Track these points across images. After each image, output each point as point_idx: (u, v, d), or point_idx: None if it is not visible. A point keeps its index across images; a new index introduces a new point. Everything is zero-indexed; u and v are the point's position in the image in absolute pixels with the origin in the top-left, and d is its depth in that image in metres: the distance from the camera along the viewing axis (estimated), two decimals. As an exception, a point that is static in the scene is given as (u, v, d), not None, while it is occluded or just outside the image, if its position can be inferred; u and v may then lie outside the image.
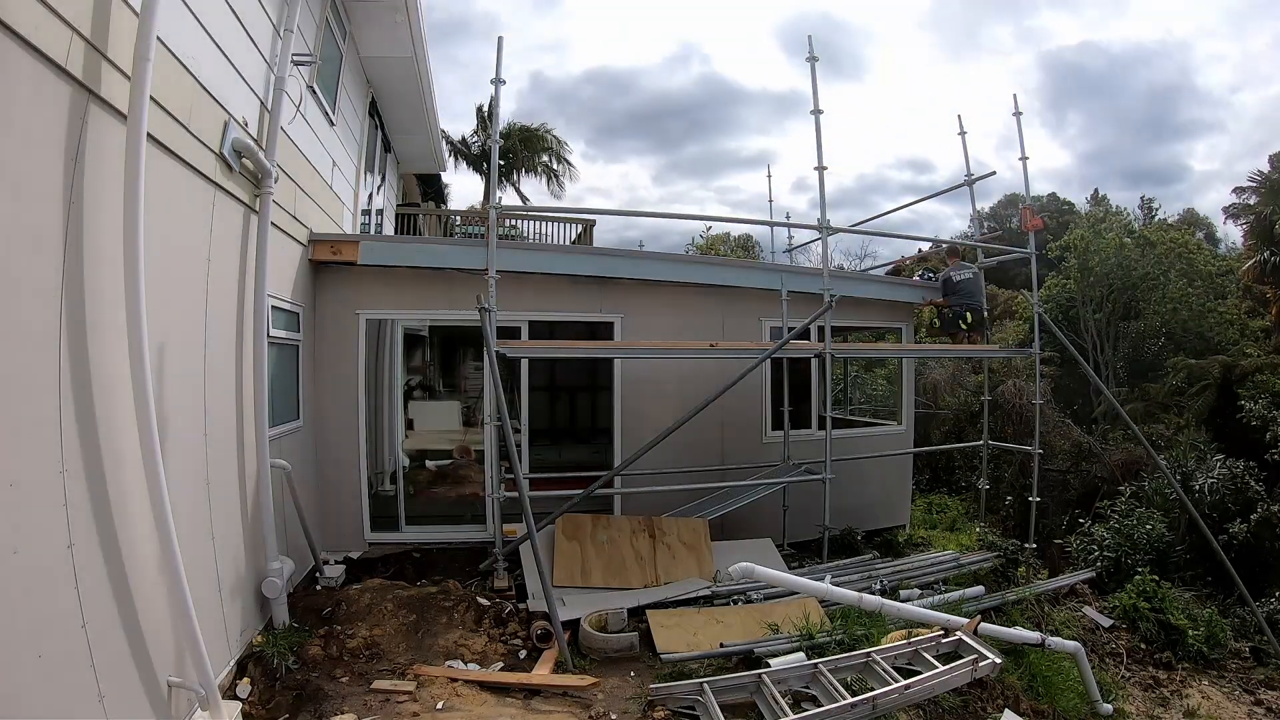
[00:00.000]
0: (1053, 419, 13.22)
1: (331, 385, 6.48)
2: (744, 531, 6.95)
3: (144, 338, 2.91)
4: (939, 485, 14.78)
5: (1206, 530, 7.57)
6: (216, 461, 4.10)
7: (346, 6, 7.25)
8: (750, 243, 31.71)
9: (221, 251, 4.23)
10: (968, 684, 4.17)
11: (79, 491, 2.70)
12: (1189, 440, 11.27)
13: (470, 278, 6.36)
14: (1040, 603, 6.38)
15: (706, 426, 7.06)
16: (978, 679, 4.17)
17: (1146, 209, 34.32)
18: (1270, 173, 20.51)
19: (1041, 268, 9.58)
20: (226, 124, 4.13)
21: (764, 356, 6.49)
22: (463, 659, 4.58)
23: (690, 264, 9.32)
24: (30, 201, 2.51)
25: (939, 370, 16.56)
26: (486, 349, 5.62)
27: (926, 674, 4.01)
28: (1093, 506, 10.77)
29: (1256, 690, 6.07)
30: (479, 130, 20.75)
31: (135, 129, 2.90)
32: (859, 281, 9.91)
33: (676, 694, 4.00)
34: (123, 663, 2.92)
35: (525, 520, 5.06)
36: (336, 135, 7.29)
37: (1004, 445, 9.51)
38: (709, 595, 5.52)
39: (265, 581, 4.61)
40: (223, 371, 4.28)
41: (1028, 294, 8.81)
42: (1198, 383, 15.25)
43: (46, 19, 2.48)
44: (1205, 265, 20.76)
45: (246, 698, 3.93)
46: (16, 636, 2.33)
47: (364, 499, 6.73)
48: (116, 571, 2.95)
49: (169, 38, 3.32)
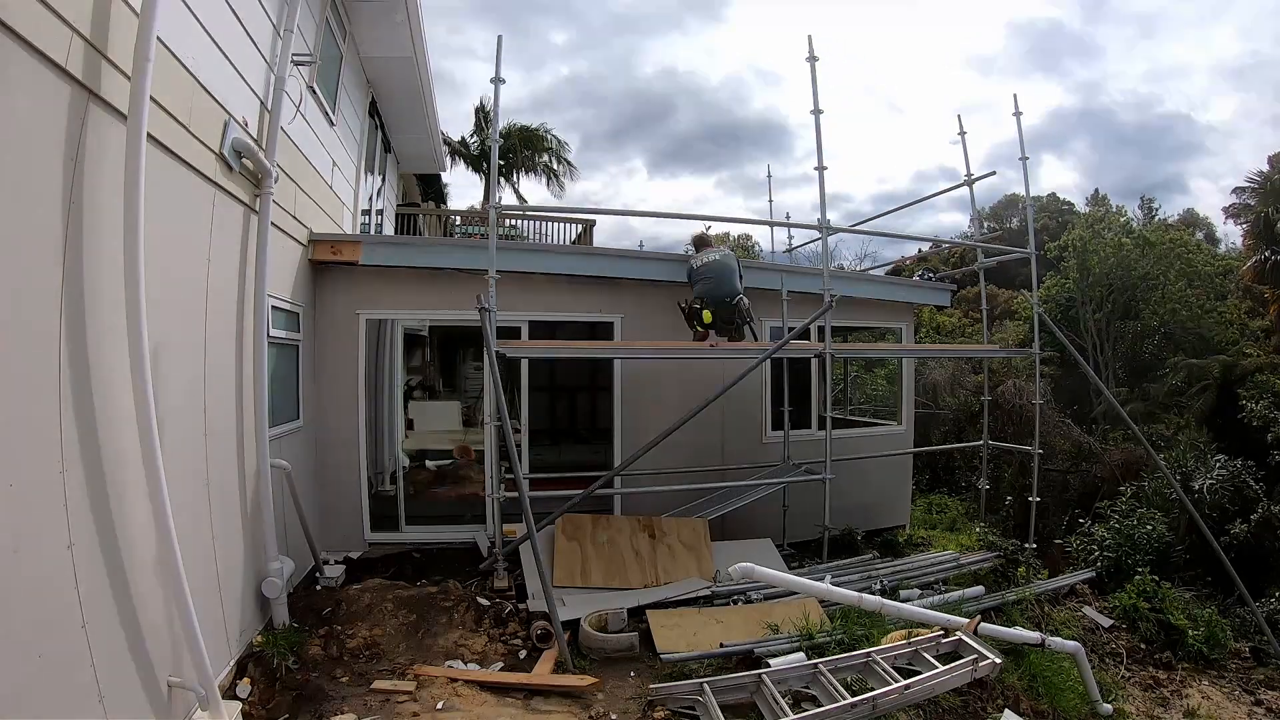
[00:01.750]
0: (1053, 419, 13.23)
1: (331, 385, 6.48)
2: (744, 532, 6.95)
3: (144, 338, 2.90)
4: (939, 485, 14.80)
5: (1206, 530, 7.57)
6: (216, 461, 4.10)
7: (346, 6, 7.25)
8: (750, 242, 31.74)
9: (221, 251, 4.23)
10: (968, 684, 4.17)
11: (79, 491, 2.70)
12: (1189, 440, 11.28)
13: (470, 278, 6.36)
14: (1040, 603, 6.38)
15: (706, 427, 7.06)
16: (978, 679, 4.18)
17: (1146, 209, 34.34)
18: (1270, 173, 20.54)
19: (1041, 268, 9.58)
20: (226, 124, 4.13)
21: (764, 356, 6.48)
22: (463, 659, 4.58)
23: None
24: (30, 201, 2.51)
25: (939, 370, 16.57)
26: (486, 349, 5.62)
27: (926, 674, 4.01)
28: (1093, 506, 10.78)
29: (1256, 690, 6.06)
30: (477, 130, 20.73)
31: (135, 129, 2.90)
32: (858, 281, 9.92)
33: (677, 694, 4.00)
34: (123, 663, 2.92)
35: (525, 520, 5.06)
36: (336, 135, 7.29)
37: (1004, 445, 9.51)
38: (709, 595, 5.52)
39: (265, 581, 4.61)
40: (223, 371, 4.28)
41: (1028, 294, 8.81)
42: (1198, 383, 15.27)
43: (46, 19, 2.48)
44: (1204, 265, 20.77)
45: (246, 698, 3.92)
46: (16, 636, 2.33)
47: (364, 499, 6.73)
48: (116, 571, 2.95)
49: (169, 38, 3.32)
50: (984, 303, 8.75)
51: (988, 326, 9.19)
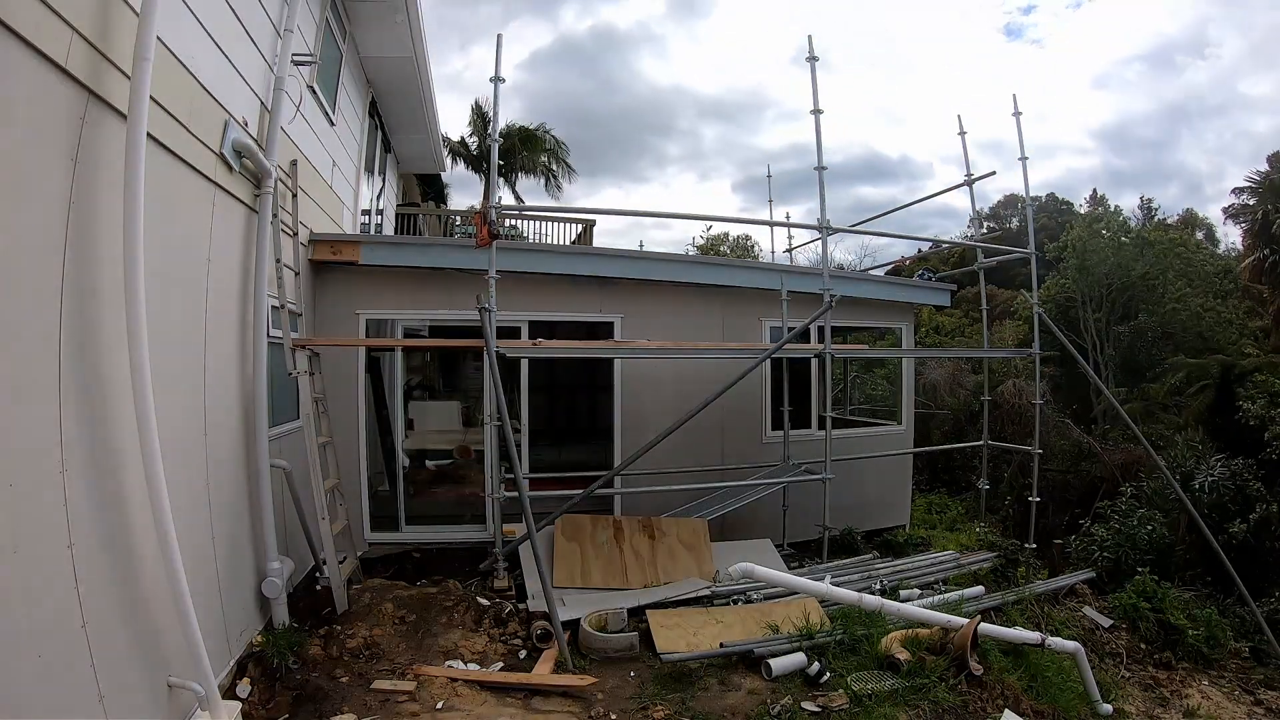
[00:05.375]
0: (1052, 419, 13.21)
1: (332, 386, 6.47)
2: (744, 532, 6.95)
3: (143, 337, 2.90)
4: (939, 485, 14.79)
5: (1206, 530, 7.56)
6: (216, 461, 4.10)
7: (346, 6, 7.25)
8: (750, 242, 31.74)
9: (221, 251, 4.23)
10: (968, 684, 4.17)
11: (79, 491, 2.70)
12: (1188, 440, 11.26)
13: (470, 278, 6.35)
14: (1040, 603, 6.37)
15: (706, 426, 7.06)
16: (977, 679, 4.18)
17: (1146, 209, 34.32)
18: (1269, 173, 20.56)
19: (1040, 268, 9.57)
20: (226, 124, 4.12)
21: (764, 356, 6.48)
22: (463, 659, 4.58)
23: (690, 264, 9.31)
24: (31, 201, 2.51)
25: (939, 370, 16.57)
26: (486, 349, 5.62)
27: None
28: (1093, 506, 10.77)
29: (1256, 690, 6.06)
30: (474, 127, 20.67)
31: (135, 129, 2.90)
32: (858, 282, 9.91)
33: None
34: (123, 663, 2.92)
35: (525, 520, 5.06)
36: (336, 135, 7.29)
37: (1004, 445, 9.51)
38: (709, 595, 5.51)
39: (265, 581, 4.61)
40: (223, 371, 4.28)
41: (1027, 294, 8.80)
42: (1197, 383, 15.27)
43: (46, 18, 2.48)
44: (1203, 265, 20.77)
45: (246, 698, 3.92)
46: (17, 636, 2.33)
47: (364, 499, 6.73)
48: (116, 571, 2.95)
49: (169, 38, 3.32)
50: (984, 303, 8.75)
51: (987, 326, 9.19)
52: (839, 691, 4.06)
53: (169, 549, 3.00)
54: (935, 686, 4.09)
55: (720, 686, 4.24)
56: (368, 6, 7.32)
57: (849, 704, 3.96)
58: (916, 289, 9.28)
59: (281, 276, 5.17)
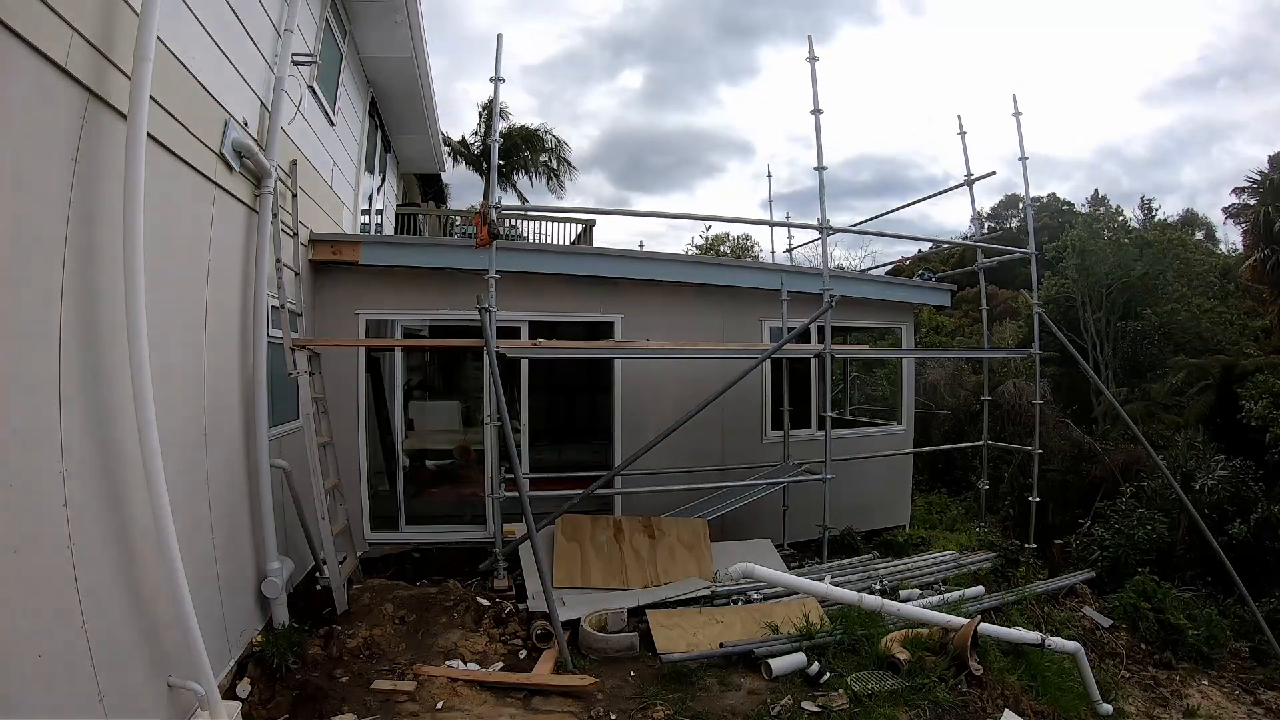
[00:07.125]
0: (1052, 419, 13.21)
1: (331, 385, 6.47)
2: (744, 532, 6.94)
3: (143, 337, 2.90)
4: (939, 485, 14.79)
5: (1206, 530, 7.56)
6: (216, 461, 4.10)
7: (346, 6, 7.25)
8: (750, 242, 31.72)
9: (221, 251, 4.23)
10: (968, 685, 4.17)
11: (78, 491, 2.70)
12: (1188, 440, 11.25)
13: (470, 278, 6.35)
14: (1040, 603, 6.36)
15: (706, 426, 7.05)
16: (977, 679, 4.18)
17: (1146, 209, 34.29)
18: (1270, 173, 20.53)
19: (1040, 268, 9.57)
20: (226, 123, 4.13)
21: (764, 356, 6.48)
22: (463, 659, 4.58)
23: (690, 264, 9.31)
24: (31, 201, 2.51)
25: (939, 370, 16.57)
26: (486, 349, 5.62)
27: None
28: (1093, 506, 10.76)
29: (1256, 690, 6.06)
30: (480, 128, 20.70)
31: (135, 129, 2.90)
32: (858, 282, 9.91)
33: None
34: (123, 663, 2.92)
35: (525, 520, 5.06)
36: (336, 135, 7.29)
37: (1004, 445, 9.50)
38: (709, 595, 5.51)
39: (265, 581, 4.61)
40: (223, 371, 4.28)
41: (1028, 294, 8.80)
42: (1197, 383, 15.25)
43: (46, 18, 2.48)
44: (1203, 265, 20.74)
45: (246, 698, 3.93)
46: (16, 636, 2.33)
47: (364, 499, 6.73)
48: (116, 571, 2.95)
49: (169, 38, 3.32)
50: (984, 303, 8.75)
51: (988, 326, 9.19)
52: (839, 691, 4.06)
53: (169, 549, 3.00)
54: (935, 686, 4.09)
55: (720, 686, 4.24)
56: (368, 6, 7.32)
57: (849, 704, 3.96)
58: (916, 289, 9.28)
59: (281, 276, 5.17)
